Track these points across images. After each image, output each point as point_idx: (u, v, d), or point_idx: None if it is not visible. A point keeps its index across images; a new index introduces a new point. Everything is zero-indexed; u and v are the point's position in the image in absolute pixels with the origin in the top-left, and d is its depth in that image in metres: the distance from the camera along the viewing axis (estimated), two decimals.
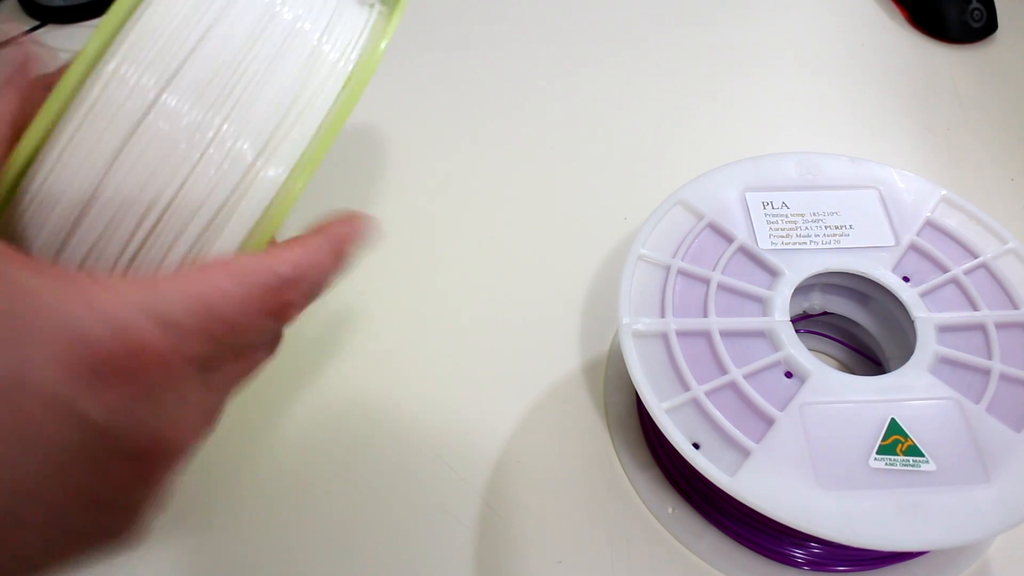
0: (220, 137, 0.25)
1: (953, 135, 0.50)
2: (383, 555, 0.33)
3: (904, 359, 0.31)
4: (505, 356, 0.39)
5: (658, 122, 0.51)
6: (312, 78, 0.26)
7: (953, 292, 0.33)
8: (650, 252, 0.34)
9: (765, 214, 0.36)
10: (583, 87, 0.53)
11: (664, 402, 0.30)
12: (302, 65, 0.26)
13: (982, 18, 0.56)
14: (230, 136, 0.25)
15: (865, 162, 0.38)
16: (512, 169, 0.48)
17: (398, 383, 0.38)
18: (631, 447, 0.36)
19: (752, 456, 0.29)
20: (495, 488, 0.35)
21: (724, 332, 0.32)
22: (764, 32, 0.57)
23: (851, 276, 0.34)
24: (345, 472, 0.36)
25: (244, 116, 0.25)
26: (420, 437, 0.37)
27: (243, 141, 0.25)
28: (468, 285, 0.42)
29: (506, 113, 0.51)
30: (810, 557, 0.32)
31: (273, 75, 0.25)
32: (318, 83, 0.26)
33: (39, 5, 0.58)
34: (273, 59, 0.26)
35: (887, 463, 0.28)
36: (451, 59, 0.55)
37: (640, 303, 0.33)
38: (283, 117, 0.25)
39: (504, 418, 0.37)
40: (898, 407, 0.30)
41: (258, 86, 0.25)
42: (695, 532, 0.34)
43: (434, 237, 0.45)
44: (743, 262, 0.34)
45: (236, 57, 0.25)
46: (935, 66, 0.55)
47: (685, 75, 0.54)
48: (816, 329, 0.39)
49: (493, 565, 0.33)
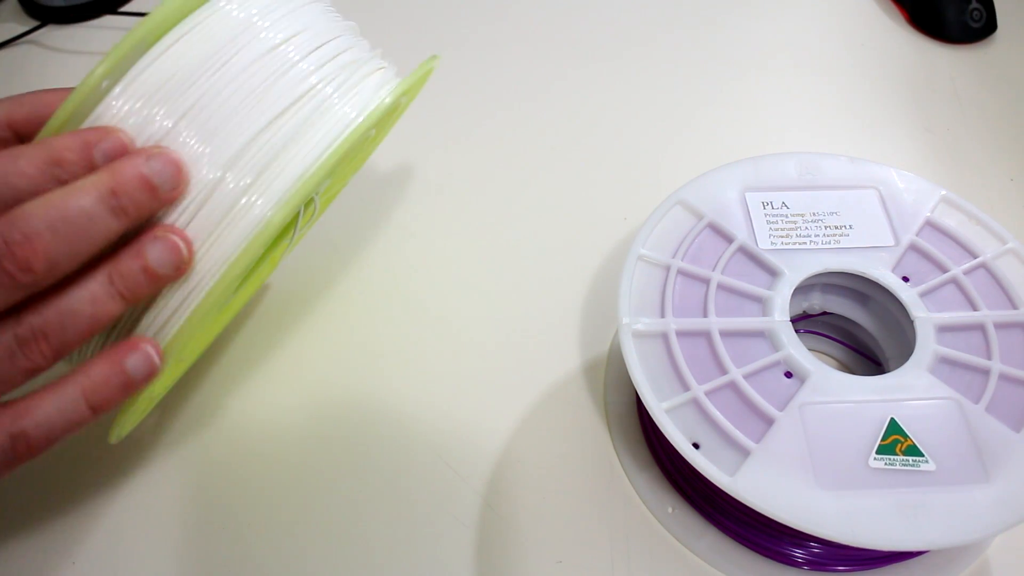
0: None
1: (952, 135, 0.50)
2: (383, 555, 0.33)
3: (904, 359, 0.32)
4: (505, 356, 0.39)
5: (658, 122, 0.51)
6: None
7: (953, 292, 0.33)
8: (650, 252, 0.34)
9: (765, 214, 0.36)
10: (583, 87, 0.53)
11: (664, 402, 0.30)
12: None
13: (982, 18, 0.56)
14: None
15: (865, 162, 0.38)
16: (512, 169, 0.48)
17: (398, 383, 0.38)
18: (631, 447, 0.36)
19: (752, 456, 0.29)
20: (495, 488, 0.35)
21: (724, 332, 0.32)
22: (764, 32, 0.57)
23: (851, 276, 0.34)
24: (345, 472, 0.36)
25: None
26: (420, 437, 0.37)
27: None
28: (468, 285, 0.42)
29: (506, 113, 0.51)
30: (810, 557, 0.32)
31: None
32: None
33: (39, 5, 0.58)
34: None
35: (887, 463, 0.28)
36: (451, 59, 0.55)
37: (640, 303, 0.33)
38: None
39: (504, 418, 0.37)
40: (898, 407, 0.30)
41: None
42: (695, 532, 0.34)
43: (434, 237, 0.45)
44: (743, 262, 0.34)
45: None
46: (935, 66, 0.55)
47: (685, 75, 0.54)
48: (816, 329, 0.39)
49: (493, 565, 0.33)
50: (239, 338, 0.40)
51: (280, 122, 0.27)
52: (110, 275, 0.25)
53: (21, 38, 0.57)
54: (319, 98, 0.28)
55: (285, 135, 0.27)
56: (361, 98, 0.29)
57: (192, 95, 0.26)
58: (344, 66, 0.29)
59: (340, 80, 0.29)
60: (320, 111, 0.28)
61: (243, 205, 0.26)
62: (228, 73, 0.26)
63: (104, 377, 0.26)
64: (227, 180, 0.26)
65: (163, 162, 0.25)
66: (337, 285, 0.43)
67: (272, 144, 0.27)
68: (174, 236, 0.26)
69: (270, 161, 0.27)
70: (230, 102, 0.26)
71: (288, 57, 0.28)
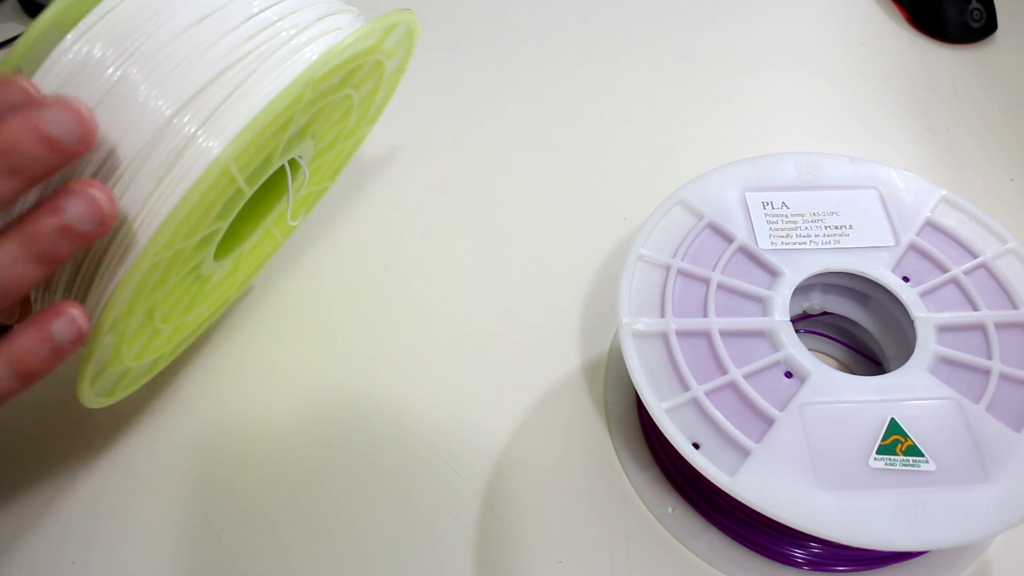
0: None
1: (953, 135, 0.50)
2: (383, 555, 0.33)
3: (904, 359, 0.31)
4: (505, 356, 0.39)
5: (658, 122, 0.51)
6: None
7: (953, 292, 0.33)
8: (650, 252, 0.34)
9: (765, 214, 0.36)
10: (583, 87, 0.53)
11: (664, 402, 0.30)
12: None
13: (982, 18, 0.56)
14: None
15: (865, 162, 0.38)
16: (512, 169, 0.48)
17: (398, 383, 0.38)
18: (631, 447, 0.36)
19: (752, 456, 0.29)
20: (495, 488, 0.35)
21: (724, 332, 0.32)
22: (764, 32, 0.57)
23: (851, 276, 0.34)
24: (345, 472, 0.36)
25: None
26: (420, 437, 0.37)
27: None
28: (468, 285, 0.42)
29: (506, 113, 0.51)
30: (810, 557, 0.32)
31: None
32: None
33: (39, 5, 0.58)
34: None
35: (887, 463, 0.28)
36: (451, 59, 0.55)
37: (640, 303, 0.33)
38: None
39: (504, 418, 0.37)
40: (898, 407, 0.30)
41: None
42: (695, 532, 0.34)
43: (434, 237, 0.45)
44: (743, 262, 0.34)
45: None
46: (935, 66, 0.55)
47: (685, 75, 0.54)
48: (816, 329, 0.39)
49: (493, 565, 0.33)
50: (238, 338, 0.40)
51: (234, 70, 0.26)
52: (22, 238, 0.23)
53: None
54: (277, 42, 0.27)
55: (238, 80, 0.26)
56: (324, 42, 0.28)
57: (142, 42, 0.25)
58: (313, 16, 0.28)
59: (303, 25, 0.28)
60: (275, 58, 0.27)
61: (192, 149, 0.25)
62: (181, 22, 0.26)
63: (28, 345, 0.24)
64: (174, 123, 0.25)
65: (59, 111, 0.22)
66: (337, 285, 0.42)
67: (223, 90, 0.26)
68: (93, 189, 0.23)
69: (219, 104, 0.25)
70: (182, 50, 0.25)
71: (249, 4, 0.27)
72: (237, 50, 0.26)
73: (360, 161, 0.48)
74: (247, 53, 0.26)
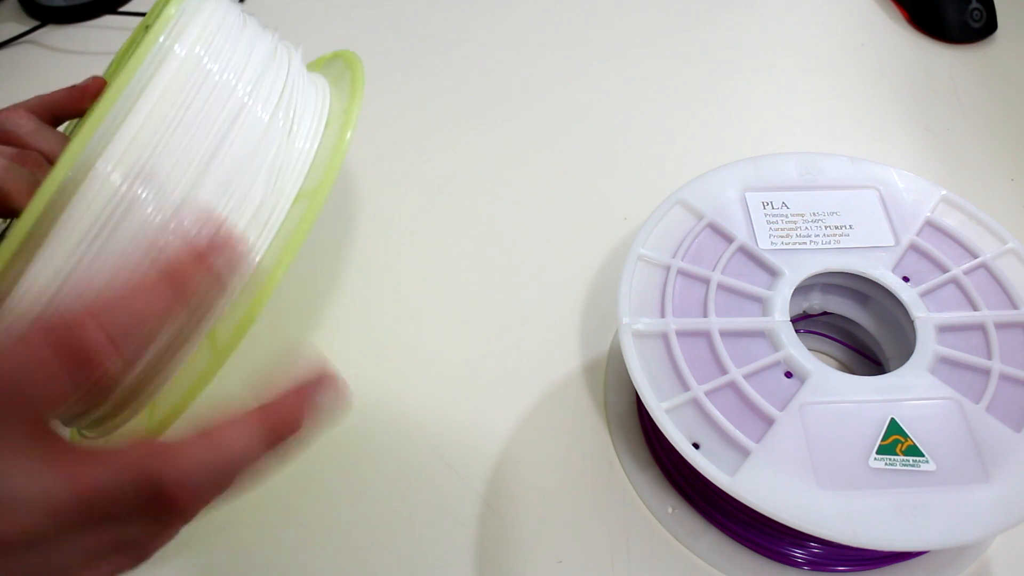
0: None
1: (953, 135, 0.50)
2: (383, 555, 0.33)
3: (904, 359, 0.31)
4: (505, 356, 0.39)
5: (658, 122, 0.51)
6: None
7: (953, 292, 0.33)
8: (650, 252, 0.34)
9: (765, 214, 0.36)
10: (583, 87, 0.53)
11: (664, 402, 0.30)
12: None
13: (982, 18, 0.56)
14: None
15: (865, 162, 0.38)
16: (512, 169, 0.48)
17: (398, 383, 0.38)
18: (631, 447, 0.36)
19: (752, 456, 0.29)
20: (495, 488, 0.35)
21: (724, 332, 0.32)
22: (764, 32, 0.57)
23: (851, 276, 0.34)
24: (345, 472, 0.36)
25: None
26: (420, 437, 0.37)
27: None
28: (468, 285, 0.42)
29: (506, 113, 0.51)
30: (810, 557, 0.32)
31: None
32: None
33: (39, 5, 0.58)
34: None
35: (887, 463, 0.28)
36: (451, 59, 0.55)
37: (640, 303, 0.33)
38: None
39: (504, 418, 0.37)
40: (898, 407, 0.30)
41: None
42: (695, 532, 0.34)
43: (434, 237, 0.45)
44: (743, 262, 0.34)
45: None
46: (935, 66, 0.55)
47: (685, 75, 0.54)
48: (816, 329, 0.39)
49: (493, 565, 0.33)
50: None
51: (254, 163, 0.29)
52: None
53: (21, 38, 0.57)
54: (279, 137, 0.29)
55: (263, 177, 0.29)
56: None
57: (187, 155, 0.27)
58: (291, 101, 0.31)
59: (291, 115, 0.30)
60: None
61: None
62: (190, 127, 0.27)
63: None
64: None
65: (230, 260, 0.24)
66: (337, 285, 0.42)
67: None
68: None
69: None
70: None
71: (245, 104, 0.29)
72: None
73: (360, 162, 0.48)
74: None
